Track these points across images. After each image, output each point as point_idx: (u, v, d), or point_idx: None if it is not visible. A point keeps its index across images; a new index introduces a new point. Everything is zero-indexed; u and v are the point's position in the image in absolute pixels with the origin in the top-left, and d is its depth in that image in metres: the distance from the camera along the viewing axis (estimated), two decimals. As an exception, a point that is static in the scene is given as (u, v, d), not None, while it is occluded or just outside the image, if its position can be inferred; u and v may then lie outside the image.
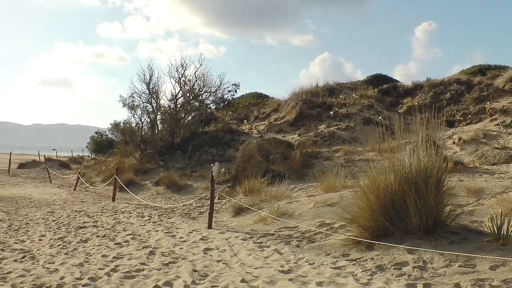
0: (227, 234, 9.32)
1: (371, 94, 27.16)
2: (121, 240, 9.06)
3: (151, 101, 28.14)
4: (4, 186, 22.96)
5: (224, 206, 13.37)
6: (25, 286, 5.92)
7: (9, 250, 8.20)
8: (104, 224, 11.28)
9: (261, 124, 27.19)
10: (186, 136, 26.44)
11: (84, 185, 22.62)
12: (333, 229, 8.35)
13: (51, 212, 13.58)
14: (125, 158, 26.79)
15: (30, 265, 7.05)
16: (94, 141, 47.19)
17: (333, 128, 22.41)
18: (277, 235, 8.78)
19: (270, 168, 16.59)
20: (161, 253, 7.86)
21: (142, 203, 15.48)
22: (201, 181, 18.27)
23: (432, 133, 8.65)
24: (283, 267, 6.52)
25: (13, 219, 12.08)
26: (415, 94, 26.48)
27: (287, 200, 11.71)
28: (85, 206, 15.07)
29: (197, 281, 6.07)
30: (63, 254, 7.84)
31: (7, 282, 6.10)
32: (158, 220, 11.85)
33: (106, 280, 6.19)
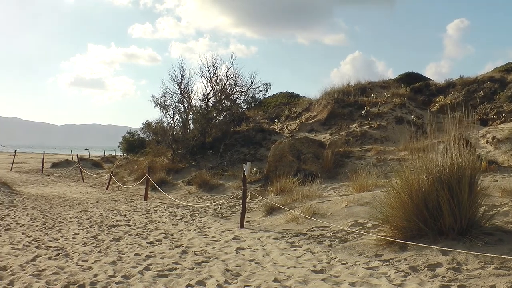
0: (259, 234, 9.34)
1: (403, 92, 26.92)
2: (154, 239, 9.15)
3: (182, 101, 28.34)
4: (38, 185, 23.39)
5: (256, 205, 13.42)
6: (59, 283, 6.02)
7: (43, 247, 8.35)
8: (136, 223, 11.40)
9: (292, 124, 27.17)
10: (218, 136, 26.55)
11: (116, 184, 22.89)
12: (366, 229, 8.30)
13: (84, 210, 13.80)
14: (157, 158, 27.05)
15: (64, 263, 7.16)
16: (126, 141, 47.68)
17: (365, 127, 22.27)
18: (309, 235, 8.78)
19: (301, 168, 16.58)
20: (193, 252, 7.90)
21: (174, 202, 15.60)
22: (233, 180, 18.34)
23: (465, 132, 8.54)
24: (315, 267, 6.52)
25: (47, 217, 12.31)
26: (448, 93, 26.20)
27: (319, 200, 11.69)
28: (117, 205, 15.25)
29: (229, 281, 6.10)
30: (96, 252, 7.97)
31: (42, 279, 6.22)
32: (190, 219, 11.92)
33: (139, 278, 6.26)
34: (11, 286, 5.94)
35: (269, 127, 27.42)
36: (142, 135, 42.00)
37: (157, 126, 30.51)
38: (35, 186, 22.72)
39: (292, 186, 13.85)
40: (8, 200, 15.51)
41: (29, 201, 15.89)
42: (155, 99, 28.54)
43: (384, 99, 25.40)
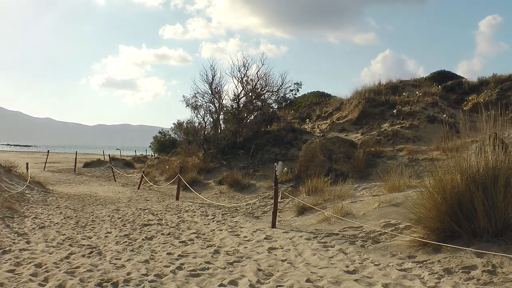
0: (291, 234, 9.35)
1: (435, 91, 26.56)
2: (186, 239, 9.23)
3: (213, 101, 28.49)
4: (71, 185, 23.79)
5: (287, 205, 13.42)
6: (93, 281, 6.12)
7: (77, 245, 8.52)
8: (168, 222, 11.52)
9: (323, 123, 27.08)
10: (249, 136, 26.60)
11: (148, 184, 23.11)
12: (398, 229, 8.24)
13: (116, 209, 13.99)
14: (188, 157, 27.23)
15: (98, 261, 7.29)
16: (157, 141, 48.12)
17: (397, 126, 22.07)
18: (341, 235, 8.75)
19: (333, 167, 16.53)
20: (225, 252, 7.95)
21: (205, 202, 15.69)
22: (264, 180, 18.36)
23: (499, 131, 8.43)
24: (348, 267, 6.50)
25: (80, 216, 12.54)
26: (481, 91, 25.76)
27: (351, 200, 11.65)
28: (149, 204, 15.42)
29: (262, 280, 6.12)
30: (129, 251, 8.08)
31: (76, 276, 6.33)
32: (222, 219, 11.99)
33: (172, 277, 6.32)
34: (46, 283, 6.07)
35: (300, 127, 27.37)
36: (173, 135, 42.40)
37: (188, 126, 30.72)
38: (67, 185, 23.11)
39: (324, 186, 13.82)
40: (41, 199, 15.81)
41: (62, 200, 16.17)
42: (186, 100, 28.79)
43: (415, 98, 25.10)
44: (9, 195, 14.40)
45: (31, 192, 16.76)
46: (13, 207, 12.79)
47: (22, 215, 12.01)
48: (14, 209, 12.60)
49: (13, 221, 11.01)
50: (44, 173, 29.65)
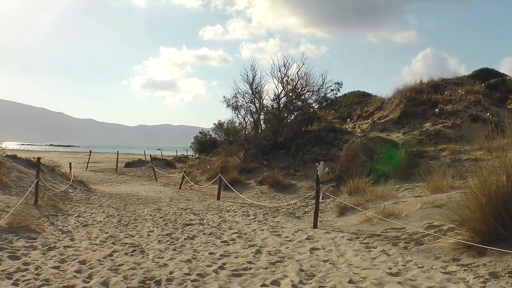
0: (332, 234, 9.34)
1: (478, 89, 25.96)
2: (228, 238, 9.30)
3: (254, 101, 28.55)
4: (113, 184, 24.20)
5: (328, 205, 13.38)
6: (136, 279, 6.24)
7: (119, 243, 8.68)
8: (210, 222, 11.60)
9: (364, 123, 26.87)
10: (289, 136, 26.58)
11: (189, 184, 23.30)
12: (442, 231, 8.14)
13: (158, 209, 14.16)
14: (229, 157, 27.35)
15: (140, 259, 7.42)
16: (198, 141, 48.43)
17: (439, 126, 21.73)
18: (383, 236, 8.71)
19: (374, 168, 16.40)
20: (267, 252, 7.99)
21: (246, 202, 15.75)
22: (305, 180, 18.33)
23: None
24: (391, 269, 6.47)
25: (122, 215, 12.75)
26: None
27: (393, 200, 11.54)
28: (190, 204, 15.55)
29: (304, 281, 6.14)
30: (171, 250, 8.19)
31: (119, 273, 6.47)
32: (263, 219, 12.03)
33: (214, 277, 6.39)
34: (90, 279, 6.21)
35: (340, 127, 27.22)
36: (214, 135, 42.64)
37: (229, 126, 30.90)
38: (109, 185, 23.50)
39: (365, 186, 13.74)
40: (84, 198, 16.14)
41: (104, 199, 16.48)
42: (227, 100, 28.96)
43: (458, 97, 24.62)
44: (53, 194, 14.74)
45: (74, 191, 17.13)
46: (57, 205, 13.09)
47: (65, 213, 12.30)
48: (58, 207, 12.90)
49: (57, 219, 11.28)
50: (87, 173, 30.20)
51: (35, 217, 10.62)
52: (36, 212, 11.33)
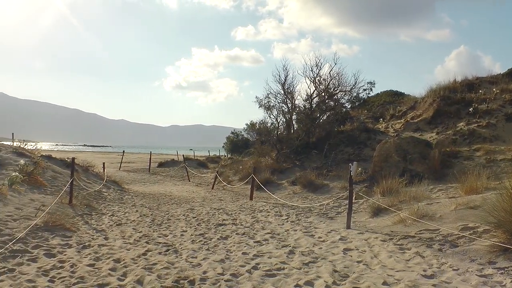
0: (366, 235, 9.32)
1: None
2: (261, 239, 9.35)
3: (286, 101, 28.57)
4: (145, 184, 24.47)
5: (361, 206, 13.35)
6: (170, 278, 6.33)
7: (153, 243, 8.81)
8: (243, 222, 11.67)
9: (397, 123, 26.64)
10: (322, 136, 26.51)
11: (221, 184, 23.42)
12: (477, 233, 8.05)
13: (191, 209, 14.28)
14: (261, 158, 27.42)
15: (174, 258, 7.53)
16: (230, 141, 48.64)
17: (473, 125, 21.38)
18: (417, 238, 8.64)
19: (407, 168, 16.29)
20: (300, 252, 8.03)
21: (279, 202, 15.78)
22: (337, 180, 18.28)
23: None
24: (425, 271, 6.44)
25: (155, 214, 12.90)
26: None
27: (427, 202, 11.44)
28: (223, 204, 15.64)
29: (338, 282, 6.16)
30: (205, 250, 8.28)
31: (153, 272, 6.59)
32: (296, 219, 12.05)
33: (248, 277, 6.44)
34: (124, 277, 6.34)
35: (373, 127, 27.03)
36: (246, 136, 42.80)
37: (261, 127, 30.95)
38: (143, 185, 23.77)
39: (398, 187, 13.66)
40: (118, 197, 16.36)
41: (137, 199, 16.68)
42: (259, 100, 29.05)
43: (493, 96, 24.16)
44: (87, 193, 15.01)
45: (107, 191, 17.39)
46: (91, 204, 13.33)
47: (99, 213, 12.52)
48: (92, 206, 13.13)
49: (91, 218, 11.49)
50: (120, 173, 30.58)
51: (69, 216, 10.85)
52: (70, 211, 11.57)
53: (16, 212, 9.89)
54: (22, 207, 10.50)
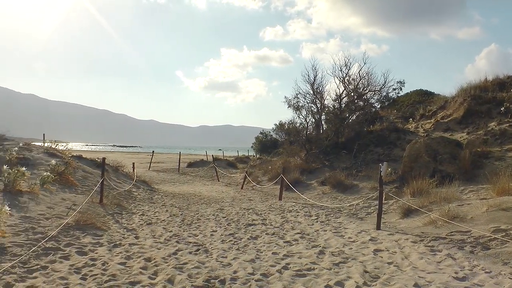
0: (396, 236, 9.31)
1: (547, 86, 25.02)
2: (290, 239, 9.40)
3: (315, 101, 28.54)
4: (175, 184, 24.68)
5: (391, 207, 13.30)
6: (201, 277, 6.43)
7: (183, 242, 8.93)
8: (272, 222, 11.73)
9: (427, 123, 26.40)
10: (351, 136, 26.41)
11: (251, 184, 23.48)
12: (510, 235, 7.97)
13: (221, 209, 14.39)
14: (290, 158, 27.42)
15: (204, 258, 7.63)
16: (259, 141, 48.64)
17: (505, 125, 21.06)
18: (449, 239, 8.59)
19: (438, 169, 16.16)
20: (330, 252, 8.06)
21: (308, 202, 15.81)
22: (367, 181, 18.22)
23: None
24: (457, 273, 6.42)
25: (185, 214, 13.04)
26: None
27: (457, 203, 11.35)
28: (253, 204, 15.71)
29: (368, 283, 6.19)
30: (235, 250, 8.37)
31: (184, 272, 6.70)
32: (326, 219, 12.07)
33: (278, 277, 6.51)
34: (155, 276, 6.47)
35: (403, 127, 26.83)
36: (275, 136, 42.80)
37: (290, 127, 30.97)
38: (172, 185, 23.98)
39: (429, 188, 13.58)
40: (148, 197, 16.56)
41: (167, 199, 16.86)
42: (288, 100, 29.08)
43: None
44: (118, 193, 15.23)
45: (137, 190, 17.62)
46: (121, 204, 13.54)
47: (130, 212, 12.71)
48: (122, 206, 13.34)
49: (121, 217, 11.68)
50: (149, 173, 30.90)
51: (100, 215, 11.07)
52: (101, 210, 11.79)
53: (48, 211, 10.15)
54: (53, 206, 10.76)
